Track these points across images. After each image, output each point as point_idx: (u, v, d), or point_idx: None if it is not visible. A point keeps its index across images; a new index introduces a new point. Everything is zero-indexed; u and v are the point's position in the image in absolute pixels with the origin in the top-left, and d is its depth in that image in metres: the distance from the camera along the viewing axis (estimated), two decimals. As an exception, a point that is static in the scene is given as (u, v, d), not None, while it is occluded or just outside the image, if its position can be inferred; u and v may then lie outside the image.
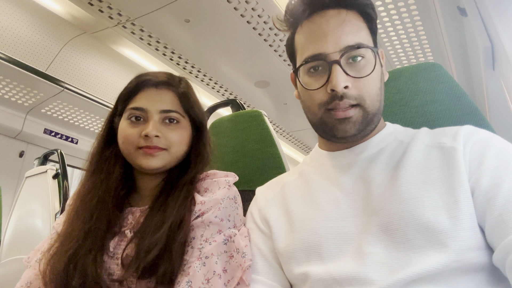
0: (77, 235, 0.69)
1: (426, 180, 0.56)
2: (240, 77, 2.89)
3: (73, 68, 2.62)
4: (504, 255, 0.47)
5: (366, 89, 0.60)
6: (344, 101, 0.59)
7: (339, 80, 0.58)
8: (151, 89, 0.77)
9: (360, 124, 0.61)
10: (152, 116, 0.74)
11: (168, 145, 0.74)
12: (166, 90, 0.77)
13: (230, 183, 0.75)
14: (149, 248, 0.64)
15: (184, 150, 0.78)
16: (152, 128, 0.72)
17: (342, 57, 0.60)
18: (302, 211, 0.65)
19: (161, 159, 0.74)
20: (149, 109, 0.74)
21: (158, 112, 0.74)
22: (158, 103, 0.75)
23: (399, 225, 0.53)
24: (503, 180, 0.51)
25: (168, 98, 0.77)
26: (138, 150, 0.73)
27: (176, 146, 0.75)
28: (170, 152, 0.75)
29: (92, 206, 0.72)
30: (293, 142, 4.37)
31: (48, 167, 1.97)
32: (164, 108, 0.75)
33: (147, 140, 0.72)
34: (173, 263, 0.64)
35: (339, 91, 0.59)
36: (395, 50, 2.40)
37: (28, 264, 0.77)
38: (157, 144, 0.72)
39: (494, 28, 1.10)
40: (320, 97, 0.62)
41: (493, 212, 0.50)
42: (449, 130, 0.63)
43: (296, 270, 0.60)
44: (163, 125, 0.75)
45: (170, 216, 0.68)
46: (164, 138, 0.73)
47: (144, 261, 0.63)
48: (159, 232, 0.66)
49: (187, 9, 2.07)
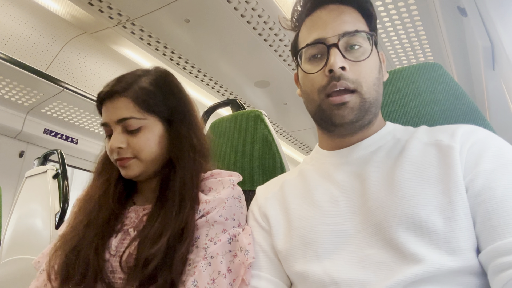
0: (79, 228, 0.72)
1: (422, 178, 0.56)
2: (240, 77, 2.88)
3: (73, 68, 2.62)
4: (488, 259, 0.48)
5: (362, 74, 0.62)
6: (341, 82, 0.61)
7: (336, 60, 0.61)
8: (107, 102, 0.76)
9: (358, 111, 0.62)
10: (114, 128, 0.74)
11: (134, 153, 0.73)
12: (118, 98, 0.74)
13: (235, 183, 0.75)
14: (147, 261, 0.64)
15: (155, 152, 0.75)
16: (113, 141, 0.73)
17: (339, 40, 0.62)
18: (300, 209, 0.65)
19: (135, 167, 0.74)
20: (109, 123, 0.75)
21: (116, 123, 0.74)
22: (113, 115, 0.74)
23: (392, 223, 0.53)
24: (498, 184, 0.51)
25: (122, 105, 0.74)
26: (117, 162, 0.75)
27: (144, 152, 0.73)
28: (140, 159, 0.74)
29: (95, 201, 0.75)
30: (293, 142, 4.37)
31: (48, 167, 1.97)
32: (118, 118, 0.73)
33: (115, 153, 0.73)
34: (173, 275, 0.64)
35: (337, 71, 0.60)
36: (395, 50, 2.40)
37: (38, 267, 0.78)
38: (123, 155, 0.73)
39: (494, 28, 1.10)
40: (319, 81, 0.63)
41: (484, 216, 0.50)
42: (448, 128, 0.63)
43: (294, 268, 0.60)
44: (125, 134, 0.74)
45: (168, 227, 0.67)
46: (129, 147, 0.73)
47: (142, 274, 0.63)
48: (157, 244, 0.65)
49: (187, 9, 2.07)
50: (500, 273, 0.46)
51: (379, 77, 0.66)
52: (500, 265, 0.46)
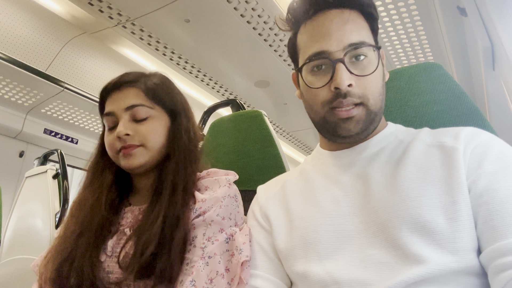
0: (70, 237, 0.71)
1: (425, 179, 0.56)
2: (240, 77, 2.88)
3: (73, 68, 2.62)
4: (489, 260, 0.48)
5: (369, 87, 0.61)
6: (348, 99, 0.59)
7: (343, 78, 0.58)
8: (115, 92, 0.78)
9: (363, 123, 0.61)
10: (120, 116, 0.75)
11: (142, 140, 0.74)
12: (128, 88, 0.77)
13: (231, 181, 0.75)
14: (145, 245, 0.65)
15: (161, 141, 0.77)
16: (121, 127, 0.73)
17: (345, 55, 0.60)
18: (302, 209, 0.65)
19: (140, 156, 0.74)
20: (115, 111, 0.76)
21: (124, 111, 0.75)
22: (122, 102, 0.76)
23: (396, 224, 0.53)
24: (500, 186, 0.51)
25: (132, 95, 0.77)
26: (119, 153, 0.75)
27: (151, 140, 0.75)
28: (146, 147, 0.75)
29: (86, 210, 0.74)
30: (293, 142, 4.37)
31: (48, 167, 1.97)
32: (128, 105, 0.75)
33: (121, 140, 0.73)
34: (172, 261, 0.64)
35: (343, 89, 0.59)
36: (395, 50, 2.40)
37: (37, 270, 0.78)
38: (130, 142, 0.73)
39: (494, 28, 1.10)
40: (324, 96, 0.62)
41: (485, 216, 0.50)
42: (451, 130, 0.62)
43: (295, 267, 0.60)
44: (132, 122, 0.75)
45: (161, 212, 0.68)
46: (136, 134, 0.74)
47: (140, 260, 0.63)
48: (153, 228, 0.66)
49: (187, 9, 2.07)
50: (500, 273, 0.46)
51: (383, 84, 0.65)
52: (501, 265, 0.46)
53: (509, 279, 0.44)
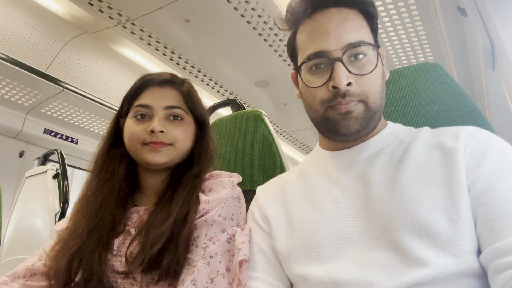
0: (81, 233, 0.72)
1: (426, 180, 0.56)
2: (240, 77, 2.88)
3: (73, 68, 2.62)
4: (489, 260, 0.48)
5: (368, 86, 0.60)
6: (347, 99, 0.59)
7: (341, 77, 0.58)
8: (155, 87, 0.79)
9: (362, 120, 0.61)
10: (156, 112, 0.77)
11: (172, 140, 0.76)
12: (169, 88, 0.80)
13: (234, 183, 0.76)
14: (154, 241, 0.66)
15: (188, 145, 0.80)
16: (157, 123, 0.74)
17: (344, 54, 0.59)
18: (302, 211, 0.65)
19: (167, 155, 0.76)
20: (153, 106, 0.77)
21: (163, 109, 0.77)
22: (162, 100, 0.78)
23: (397, 226, 0.53)
24: (498, 186, 0.51)
25: (172, 95, 0.79)
26: (144, 146, 0.75)
27: (181, 142, 0.77)
28: (175, 147, 0.77)
29: (97, 205, 0.74)
30: (293, 142, 4.37)
31: (48, 167, 1.97)
32: (168, 105, 0.78)
33: (153, 135, 0.74)
34: (178, 254, 0.66)
35: (342, 88, 0.58)
36: (395, 50, 2.40)
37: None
38: (162, 140, 0.75)
39: (494, 28, 1.10)
40: (322, 95, 0.61)
41: (485, 217, 0.50)
42: (451, 130, 0.62)
43: (295, 269, 0.60)
44: (167, 121, 0.78)
45: (175, 211, 0.70)
46: (169, 134, 0.76)
47: (149, 253, 0.64)
48: (164, 225, 0.67)
49: (187, 9, 2.07)
50: (500, 273, 0.46)
51: (383, 83, 0.65)
52: (500, 265, 0.46)
53: (508, 279, 0.44)
